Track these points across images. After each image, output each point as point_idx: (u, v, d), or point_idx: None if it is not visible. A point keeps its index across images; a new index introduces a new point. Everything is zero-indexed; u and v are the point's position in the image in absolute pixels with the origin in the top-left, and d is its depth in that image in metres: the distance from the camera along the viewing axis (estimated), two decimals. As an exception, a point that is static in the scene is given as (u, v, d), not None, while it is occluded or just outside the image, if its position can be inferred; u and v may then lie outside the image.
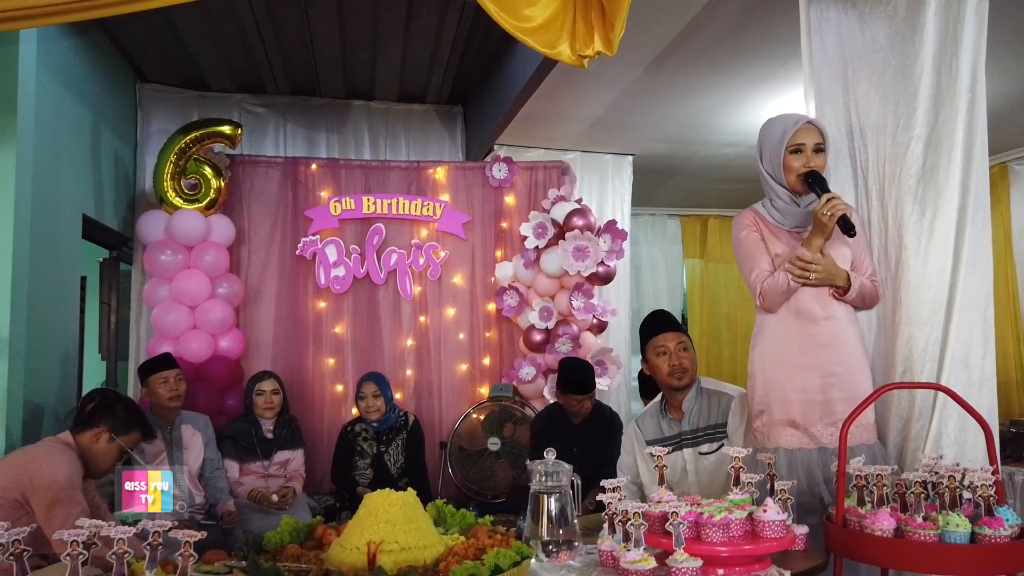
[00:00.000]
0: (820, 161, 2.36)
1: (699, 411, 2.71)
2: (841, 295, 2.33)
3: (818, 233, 2.29)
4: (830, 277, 2.30)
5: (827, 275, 2.30)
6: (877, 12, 2.47)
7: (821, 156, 2.37)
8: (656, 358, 2.73)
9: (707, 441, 2.68)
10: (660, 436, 2.75)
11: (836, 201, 2.23)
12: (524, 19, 2.59)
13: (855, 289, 2.31)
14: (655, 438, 2.76)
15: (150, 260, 4.52)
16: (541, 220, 4.87)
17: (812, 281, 2.31)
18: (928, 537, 1.77)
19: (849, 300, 2.34)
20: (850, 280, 2.31)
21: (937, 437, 2.26)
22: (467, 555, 1.77)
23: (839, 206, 2.22)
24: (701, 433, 2.69)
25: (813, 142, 2.36)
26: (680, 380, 2.69)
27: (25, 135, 3.44)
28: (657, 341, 2.74)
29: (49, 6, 2.32)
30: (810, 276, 2.30)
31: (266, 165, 5.00)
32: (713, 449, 2.66)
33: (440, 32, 4.66)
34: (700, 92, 4.56)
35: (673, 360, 2.69)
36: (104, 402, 2.75)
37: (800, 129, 2.37)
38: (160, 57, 5.03)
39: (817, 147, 2.36)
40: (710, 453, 2.66)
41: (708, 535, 1.81)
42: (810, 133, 2.37)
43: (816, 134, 2.37)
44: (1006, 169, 5.56)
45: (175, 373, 3.74)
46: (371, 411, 4.13)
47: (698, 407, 2.72)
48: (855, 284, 2.31)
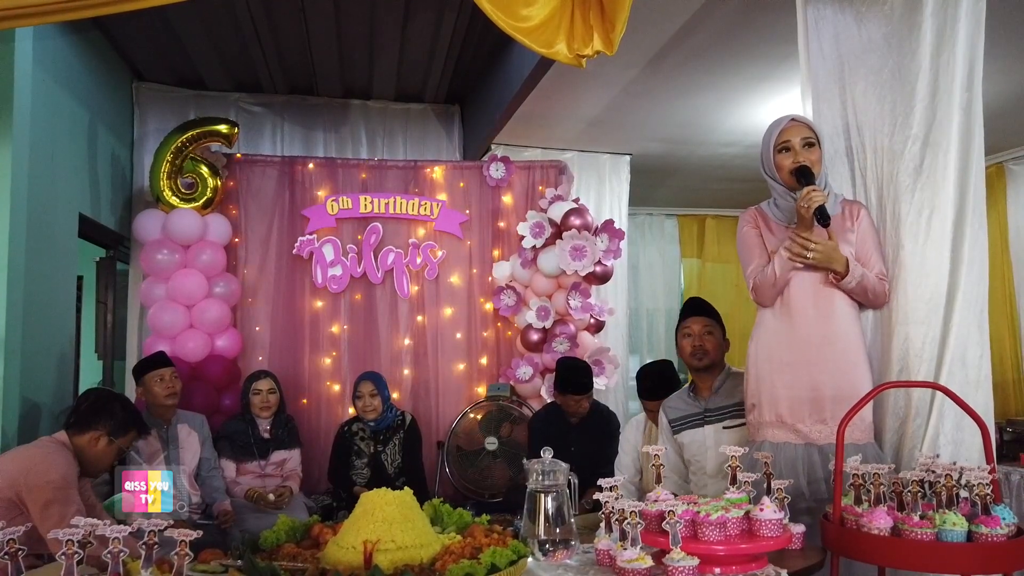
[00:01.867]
0: (813, 155, 2.39)
1: (725, 390, 2.83)
2: (838, 281, 2.34)
3: (801, 225, 2.34)
4: (828, 259, 2.32)
5: (826, 257, 2.31)
6: (874, 11, 2.47)
7: (813, 150, 2.39)
8: (682, 340, 2.93)
9: (731, 417, 2.78)
10: (684, 414, 2.89)
11: (814, 193, 2.26)
12: (521, 19, 2.58)
13: (854, 277, 2.31)
14: (679, 416, 2.90)
15: (147, 259, 4.52)
16: (538, 220, 4.87)
17: (810, 261, 2.32)
18: (925, 536, 1.77)
19: (848, 288, 2.34)
20: (848, 266, 2.32)
21: (934, 436, 2.26)
22: (464, 554, 1.77)
23: (816, 197, 2.26)
24: (726, 410, 2.80)
25: (800, 137, 2.39)
26: (700, 361, 2.85)
27: (21, 134, 3.43)
28: (685, 324, 2.94)
29: (45, 5, 2.31)
30: (808, 255, 2.31)
31: (263, 164, 4.99)
32: (735, 424, 2.74)
33: (437, 31, 4.65)
34: (697, 92, 4.56)
35: (696, 342, 2.87)
36: (101, 404, 2.74)
37: (786, 127, 2.42)
38: (157, 56, 5.02)
39: (806, 142, 2.39)
40: (732, 427, 2.76)
41: (705, 534, 1.81)
42: (797, 129, 2.41)
43: (803, 129, 2.41)
44: (1003, 169, 5.56)
45: (170, 371, 3.73)
46: (368, 410, 4.12)
47: (724, 388, 2.85)
48: (854, 271, 2.32)
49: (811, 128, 2.42)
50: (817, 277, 2.38)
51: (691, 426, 2.87)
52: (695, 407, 2.87)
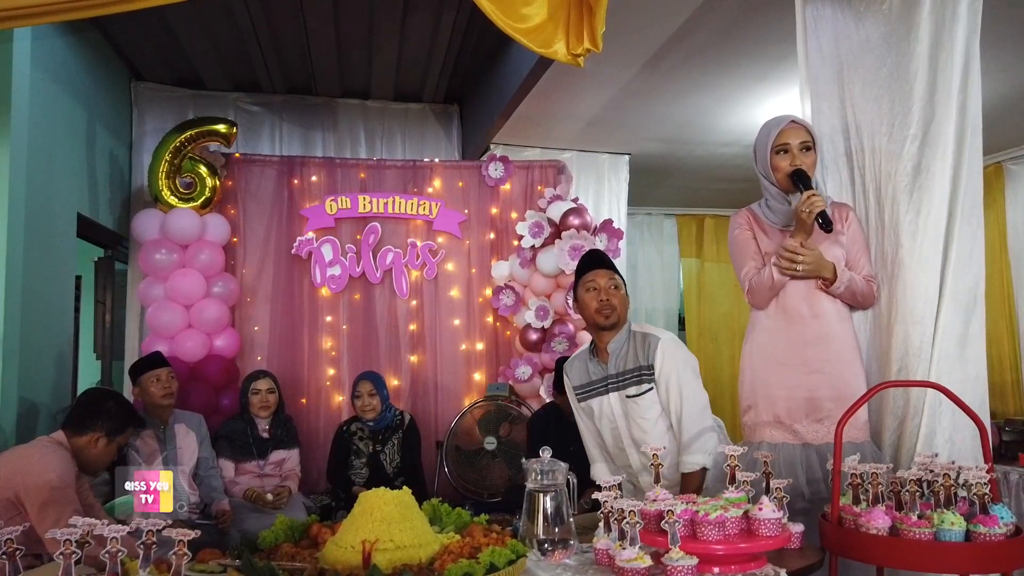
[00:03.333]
0: (809, 159, 2.40)
1: (625, 353, 2.57)
2: (828, 287, 2.36)
3: (799, 230, 2.34)
4: (817, 268, 2.34)
5: (815, 266, 2.33)
6: (872, 11, 2.47)
7: (810, 154, 2.40)
8: (585, 294, 2.60)
9: (634, 383, 2.54)
10: (587, 380, 2.65)
11: (815, 198, 2.27)
12: (520, 19, 2.58)
13: (843, 282, 2.34)
14: (582, 383, 2.67)
15: (145, 259, 4.51)
16: (537, 219, 4.87)
17: (800, 272, 2.34)
18: (923, 535, 1.77)
19: (837, 293, 2.37)
20: (836, 272, 2.34)
21: (930, 435, 2.26)
22: (462, 554, 1.77)
23: (817, 203, 2.26)
24: (628, 375, 2.55)
25: (799, 140, 2.40)
26: (607, 318, 2.56)
27: (19, 134, 3.42)
28: (588, 277, 2.61)
29: (44, 5, 2.30)
30: (797, 267, 2.33)
31: (262, 164, 4.99)
32: (640, 392, 2.52)
33: (436, 31, 4.65)
34: (696, 92, 4.57)
35: (602, 296, 2.56)
36: (97, 404, 2.73)
37: (785, 129, 2.42)
38: (155, 55, 5.02)
39: (804, 145, 2.40)
40: (637, 396, 2.53)
41: (704, 533, 1.80)
42: (795, 132, 2.41)
43: (802, 132, 2.41)
44: (1001, 169, 5.56)
45: (167, 371, 3.72)
46: (367, 410, 4.12)
47: (625, 350, 2.58)
48: (842, 276, 2.34)
49: (809, 132, 2.43)
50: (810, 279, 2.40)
51: (596, 394, 2.63)
52: (597, 374, 2.62)
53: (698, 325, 7.42)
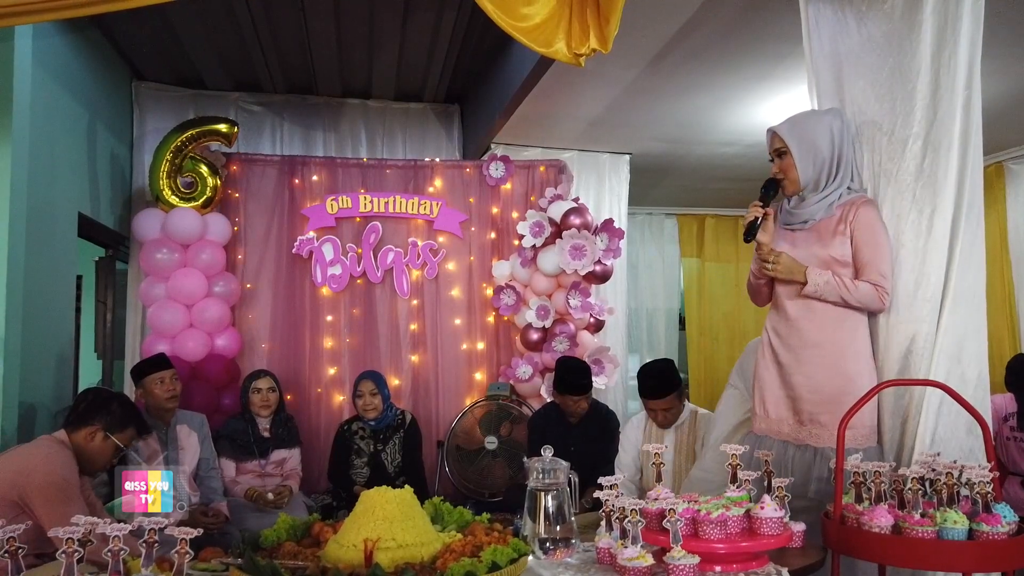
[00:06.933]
0: (784, 163, 2.48)
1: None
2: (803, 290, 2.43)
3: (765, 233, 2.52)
4: (788, 272, 2.42)
5: (785, 269, 2.42)
6: (874, 10, 2.47)
7: (785, 158, 2.48)
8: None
9: None
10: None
11: (753, 208, 2.44)
12: (521, 18, 2.59)
13: (816, 285, 2.35)
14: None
15: (146, 259, 4.51)
16: (538, 219, 4.86)
17: (771, 273, 2.46)
18: (926, 534, 1.77)
19: (818, 297, 2.37)
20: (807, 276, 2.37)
21: (932, 434, 2.26)
22: (464, 552, 1.77)
23: (751, 212, 2.44)
24: None
25: (772, 148, 2.51)
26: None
27: (20, 133, 3.42)
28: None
29: (44, 2, 2.31)
30: (768, 268, 2.45)
31: (262, 163, 4.99)
32: None
33: (437, 31, 4.65)
34: (697, 91, 4.56)
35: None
36: (97, 400, 2.73)
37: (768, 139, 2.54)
38: (156, 55, 5.02)
39: (777, 152, 2.50)
40: None
41: (705, 532, 1.81)
42: (771, 140, 2.52)
43: (775, 139, 2.51)
44: (1002, 168, 5.56)
45: (171, 373, 3.70)
46: (368, 409, 4.12)
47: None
48: (816, 280, 2.35)
49: (780, 137, 2.48)
50: None
51: None
52: None
53: (698, 325, 7.42)
